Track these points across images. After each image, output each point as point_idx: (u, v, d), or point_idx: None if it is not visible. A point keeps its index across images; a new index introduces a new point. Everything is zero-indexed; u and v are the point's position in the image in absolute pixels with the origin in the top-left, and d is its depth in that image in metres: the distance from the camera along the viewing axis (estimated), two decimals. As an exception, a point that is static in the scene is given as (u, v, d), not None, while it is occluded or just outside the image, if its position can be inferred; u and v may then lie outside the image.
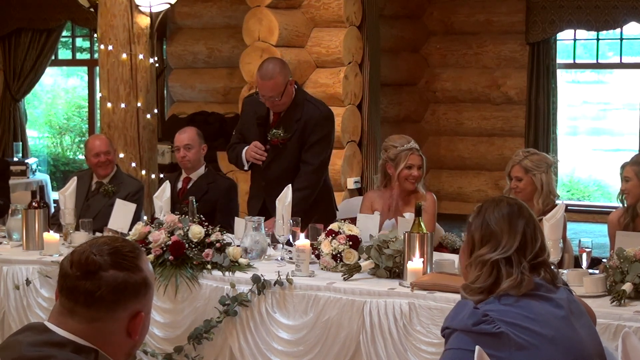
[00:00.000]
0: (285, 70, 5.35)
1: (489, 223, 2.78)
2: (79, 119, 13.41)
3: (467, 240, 2.85)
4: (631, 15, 9.16)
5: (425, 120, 10.24)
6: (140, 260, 2.08)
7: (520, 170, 5.15)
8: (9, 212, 5.38)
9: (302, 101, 5.45)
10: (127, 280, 2.03)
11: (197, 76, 9.35)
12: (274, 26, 7.30)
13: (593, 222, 9.03)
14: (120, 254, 2.05)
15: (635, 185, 4.92)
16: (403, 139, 5.41)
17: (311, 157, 5.43)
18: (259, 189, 5.59)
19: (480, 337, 2.56)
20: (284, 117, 5.41)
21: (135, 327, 2.06)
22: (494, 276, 2.71)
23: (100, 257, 2.03)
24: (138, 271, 2.06)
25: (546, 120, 9.43)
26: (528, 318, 2.61)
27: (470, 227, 2.85)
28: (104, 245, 2.06)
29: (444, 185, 10.14)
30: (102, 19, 7.06)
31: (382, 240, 4.31)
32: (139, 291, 2.06)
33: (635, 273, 3.82)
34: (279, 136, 5.36)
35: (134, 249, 2.10)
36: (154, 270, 4.43)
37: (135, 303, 2.05)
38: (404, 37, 9.89)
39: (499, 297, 2.67)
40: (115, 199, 5.58)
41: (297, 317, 4.26)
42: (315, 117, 5.42)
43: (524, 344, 2.57)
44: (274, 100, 5.29)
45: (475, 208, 2.88)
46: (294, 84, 5.41)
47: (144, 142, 7.12)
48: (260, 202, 5.57)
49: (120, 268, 2.03)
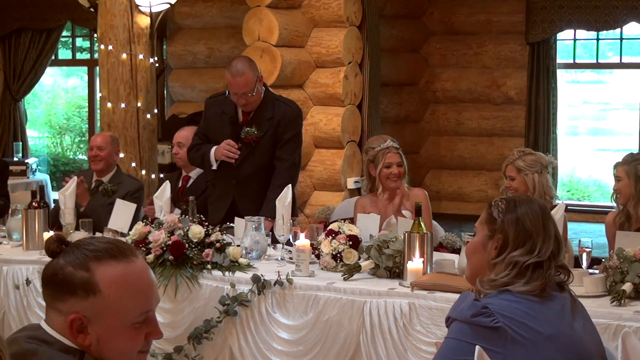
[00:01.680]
0: (254, 67, 5.42)
1: (525, 222, 2.75)
2: (79, 119, 13.42)
3: (492, 237, 2.78)
4: (631, 15, 9.16)
5: (425, 120, 10.24)
6: (95, 262, 1.93)
7: (513, 169, 5.18)
8: (9, 212, 5.38)
9: (272, 100, 5.52)
10: (65, 271, 1.93)
11: (197, 76, 9.35)
12: (274, 26, 7.30)
13: (593, 222, 9.02)
14: (80, 248, 1.96)
15: (626, 185, 4.91)
16: (380, 139, 5.43)
17: (286, 153, 5.48)
18: (227, 188, 5.56)
19: (478, 329, 2.58)
20: (254, 116, 5.45)
21: (74, 330, 1.94)
22: (520, 277, 2.70)
23: (65, 247, 1.98)
24: (83, 270, 1.93)
25: (546, 120, 9.42)
26: (527, 314, 2.61)
27: (499, 222, 2.78)
28: (84, 239, 2.02)
29: (444, 185, 10.14)
30: (102, 19, 7.06)
31: (382, 240, 4.31)
32: (75, 291, 1.92)
33: (635, 273, 3.82)
34: (253, 134, 5.40)
35: (98, 251, 1.95)
36: (154, 270, 4.49)
37: (74, 302, 1.93)
38: (404, 37, 9.89)
39: (501, 291, 2.67)
40: (114, 198, 5.59)
41: (297, 317, 4.26)
42: (288, 115, 5.50)
43: (520, 340, 2.57)
44: (246, 96, 5.32)
45: (499, 202, 2.82)
46: (262, 81, 5.47)
47: (144, 142, 7.12)
48: (229, 201, 5.54)
49: (69, 260, 1.94)
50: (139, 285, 1.97)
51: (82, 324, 1.93)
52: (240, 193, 5.46)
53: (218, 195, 5.63)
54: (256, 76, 5.35)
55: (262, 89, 5.46)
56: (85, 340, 1.94)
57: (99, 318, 1.93)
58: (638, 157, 4.97)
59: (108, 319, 1.94)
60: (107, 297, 1.93)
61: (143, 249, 4.54)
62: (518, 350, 2.56)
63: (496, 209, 2.81)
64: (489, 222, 2.81)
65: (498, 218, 2.79)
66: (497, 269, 2.75)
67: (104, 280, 1.93)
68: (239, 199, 5.46)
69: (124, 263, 1.96)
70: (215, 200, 5.66)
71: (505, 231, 2.77)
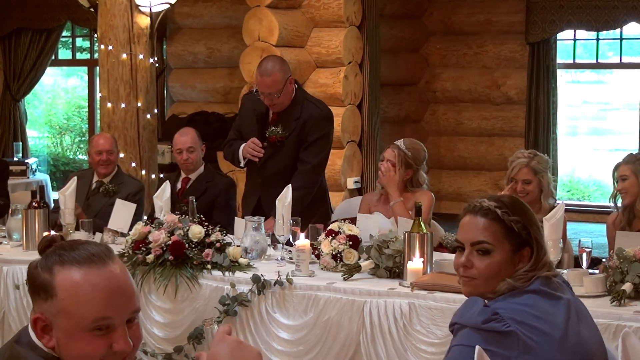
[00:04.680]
0: (284, 68, 5.33)
1: (537, 224, 2.71)
2: (79, 119, 13.42)
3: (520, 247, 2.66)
4: (631, 15, 9.16)
5: (425, 120, 10.24)
6: (59, 266, 1.97)
7: (529, 172, 5.03)
8: (9, 212, 5.38)
9: (302, 100, 5.44)
10: (34, 272, 1.99)
11: (197, 76, 9.35)
12: (274, 26, 7.30)
13: (593, 222, 9.02)
14: (55, 251, 2.00)
15: (633, 184, 4.84)
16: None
17: (309, 156, 5.41)
18: (254, 186, 5.58)
19: (489, 335, 2.54)
20: (283, 115, 5.40)
21: (37, 330, 1.97)
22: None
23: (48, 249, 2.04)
24: (47, 273, 1.97)
25: (546, 120, 9.42)
26: (537, 317, 2.58)
27: (525, 234, 2.65)
28: (62, 243, 2.06)
29: (444, 185, 10.14)
30: (102, 19, 7.07)
31: (382, 240, 4.31)
32: (39, 292, 1.98)
33: (635, 273, 3.82)
34: (277, 134, 5.36)
35: (63, 256, 1.98)
36: (154, 270, 4.49)
37: (39, 304, 1.98)
38: (404, 37, 9.89)
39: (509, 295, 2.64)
40: (115, 199, 5.59)
41: (297, 317, 4.26)
42: (314, 116, 5.40)
43: (531, 344, 2.55)
44: (272, 97, 5.27)
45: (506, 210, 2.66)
46: (294, 82, 5.40)
47: (144, 142, 7.12)
48: (256, 199, 5.56)
49: (42, 262, 2.00)
50: (98, 292, 1.97)
51: (46, 325, 1.98)
52: (265, 192, 5.40)
53: (247, 191, 5.67)
54: (285, 78, 5.26)
55: (293, 90, 5.38)
56: (49, 341, 1.98)
57: (56, 320, 1.97)
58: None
59: (64, 322, 1.96)
60: (61, 301, 1.96)
61: (143, 249, 4.54)
62: (530, 354, 2.55)
63: (507, 217, 2.65)
64: (509, 236, 2.66)
65: (517, 229, 2.65)
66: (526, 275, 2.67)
67: (61, 284, 1.96)
68: (264, 198, 5.41)
69: (86, 269, 1.97)
70: (245, 196, 5.71)
71: (534, 237, 2.67)
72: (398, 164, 5.12)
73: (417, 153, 5.19)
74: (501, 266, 2.65)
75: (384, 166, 5.17)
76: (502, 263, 2.65)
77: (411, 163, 5.14)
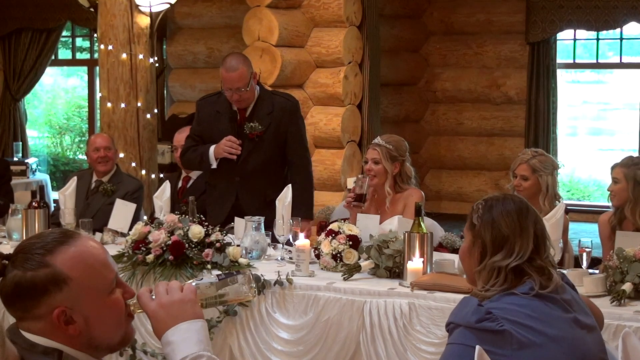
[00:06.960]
0: (248, 63, 5.44)
1: (500, 225, 2.70)
2: (79, 118, 13.42)
3: (474, 243, 2.75)
4: (631, 15, 9.17)
5: (425, 120, 10.24)
6: (49, 255, 1.97)
7: (527, 169, 5.07)
8: (9, 212, 5.38)
9: (269, 94, 5.56)
10: (27, 278, 1.95)
11: (197, 76, 9.35)
12: (274, 26, 7.30)
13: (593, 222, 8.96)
14: (24, 252, 1.99)
15: (622, 188, 4.82)
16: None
17: (301, 149, 5.55)
18: (229, 187, 5.49)
19: (483, 334, 2.56)
20: (253, 111, 5.45)
21: (62, 324, 1.96)
22: (509, 281, 2.67)
23: (7, 260, 2.00)
24: (43, 267, 1.96)
25: (546, 120, 9.42)
26: (532, 317, 2.59)
27: (477, 227, 2.74)
28: (22, 243, 2.04)
29: (444, 185, 10.14)
30: (102, 19, 7.07)
31: (382, 240, 4.31)
32: (47, 288, 1.95)
33: (635, 273, 3.82)
34: (257, 129, 5.39)
35: (46, 244, 1.98)
36: (154, 270, 4.48)
37: (50, 300, 1.96)
38: (404, 37, 9.89)
39: (504, 294, 2.65)
40: (114, 198, 5.59)
41: (297, 317, 4.26)
42: (288, 107, 5.52)
43: (526, 343, 2.56)
44: (240, 92, 5.32)
45: (478, 206, 2.78)
46: (256, 78, 5.48)
47: (144, 142, 7.12)
48: (231, 201, 5.47)
49: (23, 267, 1.97)
50: (96, 256, 2.03)
51: (67, 314, 1.97)
52: (244, 190, 5.43)
53: (219, 195, 5.55)
54: (250, 72, 5.36)
55: (257, 86, 5.47)
56: (75, 329, 1.98)
57: (79, 301, 1.98)
58: (638, 162, 4.90)
59: (87, 298, 1.98)
60: (77, 279, 1.98)
61: (143, 249, 4.54)
62: (524, 353, 2.55)
63: (475, 213, 2.76)
64: (471, 229, 2.78)
65: (477, 223, 2.75)
66: (482, 277, 2.71)
67: (66, 266, 1.97)
68: (243, 196, 5.43)
69: (72, 243, 2.01)
70: (215, 201, 5.56)
71: (481, 236, 2.73)
72: (383, 160, 5.07)
73: (398, 145, 5.16)
74: (464, 252, 2.83)
75: (369, 166, 5.14)
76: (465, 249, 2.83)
77: (395, 155, 5.09)
